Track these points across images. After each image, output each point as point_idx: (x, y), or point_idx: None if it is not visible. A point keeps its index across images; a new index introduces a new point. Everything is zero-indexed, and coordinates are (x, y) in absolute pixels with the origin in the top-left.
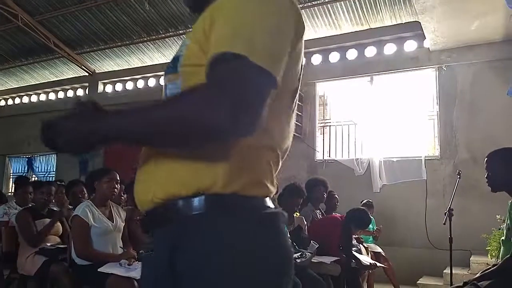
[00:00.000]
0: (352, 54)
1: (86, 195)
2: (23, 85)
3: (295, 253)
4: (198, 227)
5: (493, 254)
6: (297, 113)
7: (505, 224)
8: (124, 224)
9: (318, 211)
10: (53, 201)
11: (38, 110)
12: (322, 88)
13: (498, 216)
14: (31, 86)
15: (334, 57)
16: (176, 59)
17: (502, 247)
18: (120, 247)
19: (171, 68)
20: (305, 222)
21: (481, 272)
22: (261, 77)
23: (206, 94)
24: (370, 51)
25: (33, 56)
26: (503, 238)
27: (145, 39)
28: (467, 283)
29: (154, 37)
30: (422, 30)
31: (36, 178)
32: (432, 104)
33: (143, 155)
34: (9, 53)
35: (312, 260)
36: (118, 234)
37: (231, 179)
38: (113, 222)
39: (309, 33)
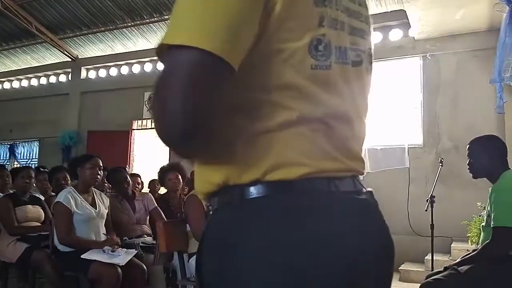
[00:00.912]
0: None
1: (69, 181)
2: (4, 71)
3: None
4: (210, 224)
5: (473, 240)
6: None
7: (485, 211)
8: (107, 211)
9: None
10: (34, 185)
11: (20, 96)
12: None
13: (478, 204)
14: (13, 72)
15: None
16: None
17: (482, 233)
18: (103, 233)
19: None
20: None
21: (462, 257)
22: (178, 59)
23: (154, 100)
24: None
25: (14, 40)
26: (483, 224)
27: (129, 24)
28: (448, 268)
29: (138, 22)
30: (408, 19)
31: (18, 165)
32: (416, 93)
33: None
34: None
35: None
36: (101, 220)
37: (246, 168)
38: (96, 209)
39: None
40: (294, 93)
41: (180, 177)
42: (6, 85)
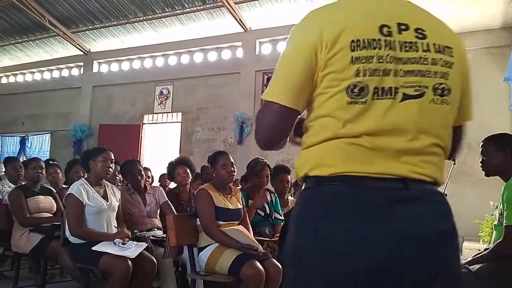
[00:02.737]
0: None
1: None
2: (17, 64)
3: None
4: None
5: (485, 239)
6: None
7: (498, 210)
8: (119, 204)
9: None
10: (45, 175)
11: (33, 89)
12: None
13: (491, 202)
14: (26, 65)
15: None
16: None
17: (494, 232)
18: (114, 226)
19: None
20: None
21: (473, 256)
22: (267, 108)
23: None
24: None
25: (27, 34)
26: (495, 223)
27: (141, 18)
28: None
29: (150, 16)
30: None
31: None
32: None
33: None
34: (3, 31)
35: None
36: (112, 213)
37: (302, 166)
38: (107, 201)
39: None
40: (334, 120)
41: (189, 171)
42: (19, 78)
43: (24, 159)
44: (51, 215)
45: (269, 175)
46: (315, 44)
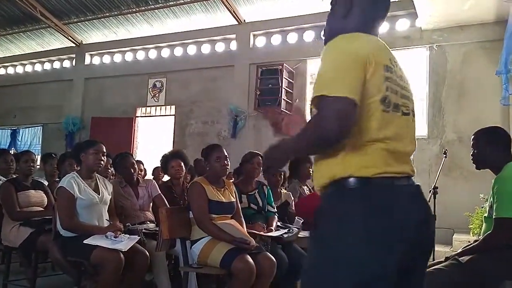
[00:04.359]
0: None
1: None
2: (8, 55)
3: (283, 228)
4: (324, 203)
5: (475, 232)
6: (287, 90)
7: (488, 202)
8: (110, 197)
9: (305, 187)
10: (37, 168)
11: (24, 81)
12: (314, 65)
13: (481, 195)
14: (17, 57)
15: None
16: None
17: (484, 224)
18: (106, 219)
19: None
20: (292, 198)
21: (463, 248)
22: (336, 101)
23: (316, 123)
24: None
25: (19, 25)
26: (485, 215)
27: (134, 10)
28: (449, 258)
29: (143, 8)
30: (415, 9)
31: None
32: (422, 84)
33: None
34: None
35: (298, 235)
36: (104, 206)
37: (346, 167)
38: (99, 195)
39: (301, 9)
40: (373, 123)
41: (182, 164)
42: (10, 70)
43: (14, 152)
44: (42, 209)
45: (260, 164)
46: (364, 58)
